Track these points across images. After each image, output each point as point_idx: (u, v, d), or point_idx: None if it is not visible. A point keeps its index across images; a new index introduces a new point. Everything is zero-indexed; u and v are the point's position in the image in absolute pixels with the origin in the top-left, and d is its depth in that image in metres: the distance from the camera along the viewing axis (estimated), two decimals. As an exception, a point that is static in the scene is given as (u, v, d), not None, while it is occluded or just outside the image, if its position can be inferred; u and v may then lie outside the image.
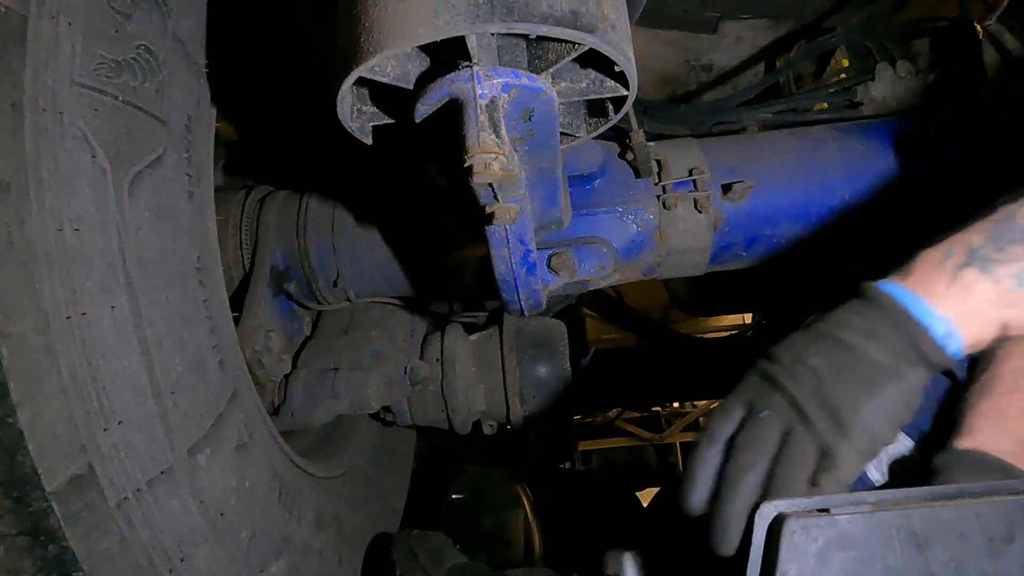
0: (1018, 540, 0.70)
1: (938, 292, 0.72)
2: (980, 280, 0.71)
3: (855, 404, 0.72)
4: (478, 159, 0.80)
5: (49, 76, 0.80)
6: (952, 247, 0.73)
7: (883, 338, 0.73)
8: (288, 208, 1.55)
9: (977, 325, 0.73)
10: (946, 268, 0.72)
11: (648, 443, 5.75)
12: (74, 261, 0.81)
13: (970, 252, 0.72)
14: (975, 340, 0.74)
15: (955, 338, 0.73)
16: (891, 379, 0.73)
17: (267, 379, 1.47)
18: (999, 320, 0.73)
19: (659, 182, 1.46)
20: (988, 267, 0.71)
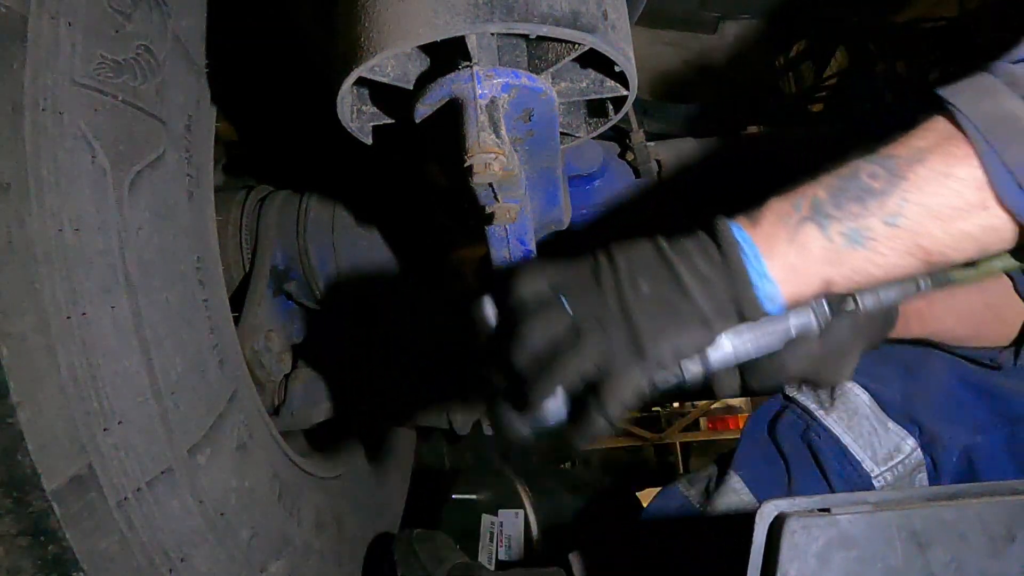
0: (1019, 540, 0.70)
1: (778, 249, 0.73)
2: (816, 237, 0.72)
3: (657, 338, 0.73)
4: (478, 159, 0.80)
5: (49, 76, 0.80)
6: (801, 199, 0.73)
7: (714, 287, 0.73)
8: (288, 208, 1.55)
9: (801, 282, 0.74)
10: (790, 222, 0.73)
11: (648, 443, 5.75)
12: (74, 261, 0.81)
13: (813, 207, 0.72)
14: (796, 297, 0.75)
15: (777, 300, 0.74)
16: (701, 327, 0.74)
17: (267, 379, 1.47)
18: (822, 278, 0.74)
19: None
20: (825, 224, 0.72)
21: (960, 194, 0.69)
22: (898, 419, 1.23)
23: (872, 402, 1.25)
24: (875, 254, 0.72)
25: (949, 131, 0.70)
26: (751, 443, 1.34)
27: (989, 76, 0.70)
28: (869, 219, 0.71)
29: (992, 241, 0.72)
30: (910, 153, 0.71)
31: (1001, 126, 0.67)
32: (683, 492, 1.37)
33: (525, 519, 1.91)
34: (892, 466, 1.22)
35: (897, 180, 0.70)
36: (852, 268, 0.73)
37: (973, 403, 1.19)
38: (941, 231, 0.70)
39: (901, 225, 0.70)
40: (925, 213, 0.70)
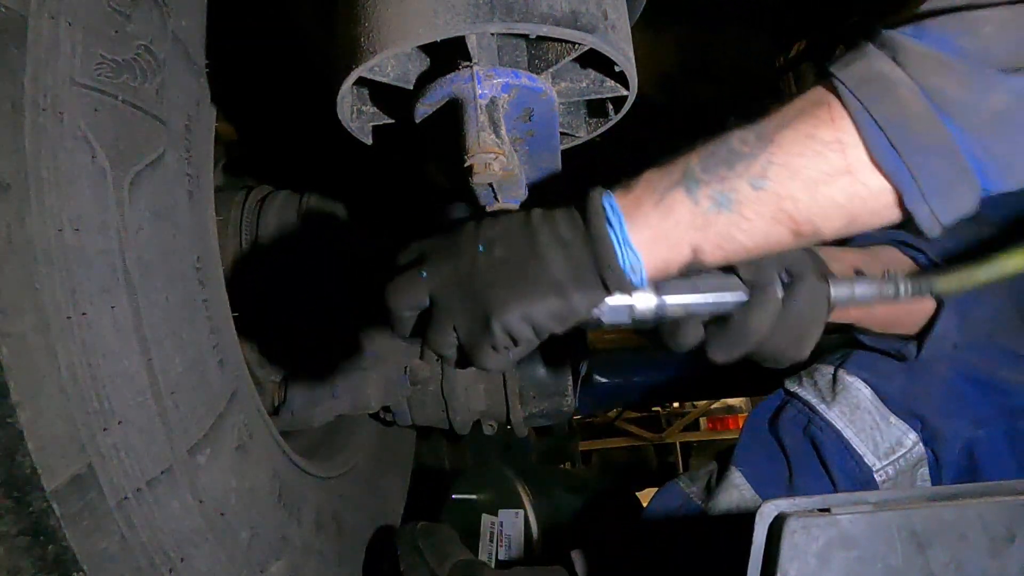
0: (1019, 540, 0.70)
1: (642, 212, 0.72)
2: (683, 201, 0.71)
3: (503, 310, 0.73)
4: (478, 159, 0.80)
5: (49, 76, 0.80)
6: (674, 166, 0.73)
7: (571, 253, 0.73)
8: (288, 208, 1.55)
9: (667, 249, 0.73)
10: (660, 187, 0.73)
11: (648, 443, 5.75)
12: (74, 261, 0.81)
13: (684, 172, 0.72)
14: (663, 265, 0.75)
15: (639, 269, 0.73)
16: (555, 295, 0.73)
17: (267, 379, 1.47)
18: (689, 243, 0.73)
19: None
20: (692, 188, 0.71)
21: (823, 156, 0.68)
22: (900, 413, 1.23)
23: (874, 396, 1.25)
24: (741, 218, 0.71)
25: (820, 96, 0.70)
26: (752, 438, 1.34)
27: (867, 43, 0.70)
28: (736, 181, 0.70)
29: (861, 212, 0.70)
30: (780, 118, 0.71)
31: (870, 85, 0.67)
32: (684, 489, 1.37)
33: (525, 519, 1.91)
34: (894, 460, 1.22)
35: (764, 143, 0.70)
36: (718, 233, 0.72)
37: (974, 397, 1.19)
38: (806, 196, 0.69)
39: (766, 188, 0.69)
40: (789, 176, 0.69)
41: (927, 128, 0.66)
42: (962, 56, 0.66)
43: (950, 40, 0.66)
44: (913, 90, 0.66)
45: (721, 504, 1.29)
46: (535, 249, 0.74)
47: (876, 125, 0.66)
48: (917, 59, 0.66)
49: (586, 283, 0.74)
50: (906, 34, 0.68)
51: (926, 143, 0.66)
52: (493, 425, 1.67)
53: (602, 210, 0.73)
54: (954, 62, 0.65)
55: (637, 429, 5.70)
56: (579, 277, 0.73)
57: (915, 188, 0.67)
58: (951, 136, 0.66)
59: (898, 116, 0.66)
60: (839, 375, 1.27)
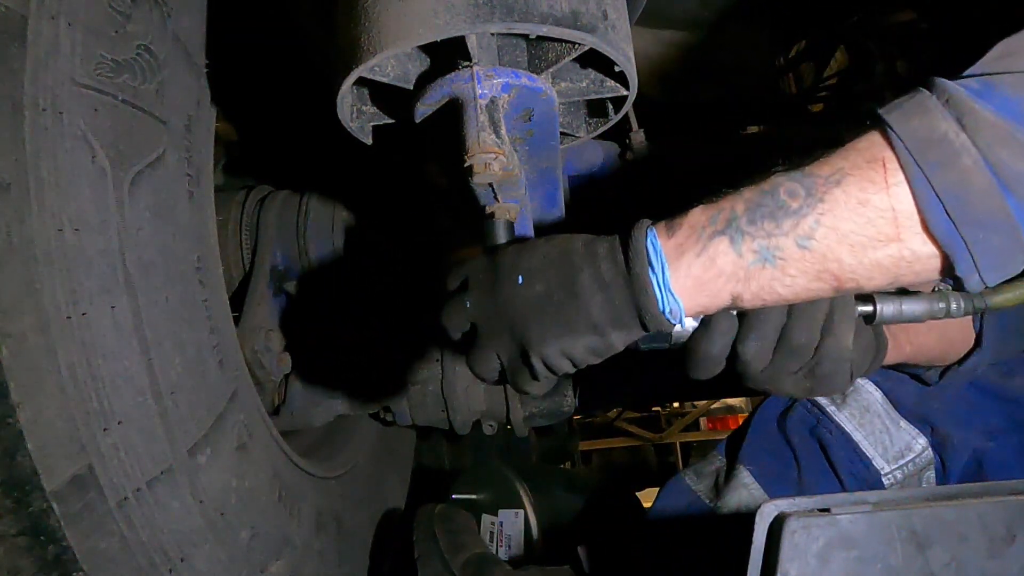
0: (1018, 540, 0.70)
1: (685, 260, 0.72)
2: (727, 252, 0.71)
3: (542, 346, 0.75)
4: (478, 159, 0.80)
5: (49, 76, 0.80)
6: (719, 211, 0.72)
7: (612, 294, 0.73)
8: (288, 208, 1.55)
9: (707, 296, 0.73)
10: (704, 234, 0.72)
11: (648, 443, 5.75)
12: (74, 261, 0.81)
13: (729, 220, 0.71)
14: (701, 310, 0.75)
15: (678, 315, 0.74)
16: (593, 334, 0.74)
17: (267, 379, 1.47)
18: (730, 293, 0.73)
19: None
20: (737, 239, 0.70)
21: (874, 224, 0.67)
22: (910, 418, 1.23)
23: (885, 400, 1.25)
24: (784, 275, 0.70)
25: (875, 151, 0.68)
26: (760, 436, 1.34)
27: (927, 93, 0.67)
28: (781, 239, 0.69)
29: (904, 273, 0.70)
30: (831, 172, 0.69)
31: (932, 149, 0.64)
32: (692, 487, 1.37)
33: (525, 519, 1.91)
34: (903, 464, 1.22)
35: (814, 201, 0.68)
36: (760, 286, 0.71)
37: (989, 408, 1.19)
38: (852, 258, 0.68)
39: (812, 248, 0.68)
40: (837, 238, 0.68)
41: (988, 203, 0.63)
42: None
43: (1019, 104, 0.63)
44: (977, 161, 0.63)
45: (730, 503, 1.28)
46: (575, 288, 0.74)
47: (935, 195, 0.64)
48: (984, 127, 0.63)
49: (625, 325, 0.75)
50: (972, 92, 0.65)
51: (985, 218, 0.64)
52: (493, 425, 1.67)
53: (645, 254, 0.73)
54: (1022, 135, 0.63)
55: (637, 429, 5.71)
56: (619, 319, 0.74)
57: (969, 260, 0.66)
58: (1011, 211, 0.63)
59: (959, 187, 0.63)
60: None
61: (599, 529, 1.85)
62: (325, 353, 1.60)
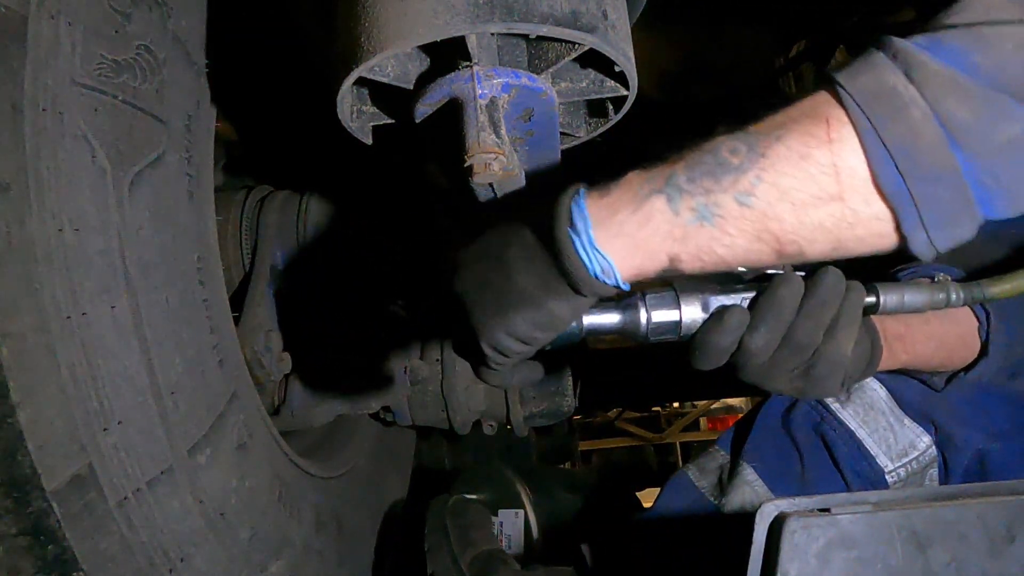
0: (1019, 540, 0.70)
1: (617, 220, 0.70)
2: (662, 210, 0.69)
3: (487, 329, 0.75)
4: (478, 159, 0.80)
5: (49, 76, 0.80)
6: (657, 172, 0.70)
7: (536, 263, 0.73)
8: (288, 208, 1.55)
9: (642, 257, 0.71)
10: (640, 193, 0.70)
11: (648, 443, 5.75)
12: (74, 261, 0.81)
13: (667, 179, 0.69)
14: (638, 271, 0.73)
15: (612, 272, 0.71)
16: (528, 305, 0.73)
17: (267, 379, 1.47)
18: (666, 252, 0.70)
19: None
20: (675, 197, 0.68)
21: (815, 180, 0.65)
22: (914, 416, 1.23)
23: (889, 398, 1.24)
24: (723, 233, 0.68)
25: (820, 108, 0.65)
26: (764, 433, 1.33)
27: (875, 51, 0.65)
28: (721, 195, 0.67)
29: (846, 236, 0.67)
30: (773, 128, 0.67)
31: (881, 102, 0.62)
32: (695, 483, 1.37)
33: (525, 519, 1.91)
34: (907, 462, 1.22)
35: (755, 156, 0.66)
36: (698, 246, 0.69)
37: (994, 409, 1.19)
38: (793, 217, 0.66)
39: (752, 205, 0.66)
40: (778, 195, 0.65)
41: (936, 156, 0.62)
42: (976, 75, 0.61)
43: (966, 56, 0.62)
44: (927, 114, 0.61)
45: (734, 501, 1.28)
46: (503, 264, 0.74)
47: (885, 149, 0.62)
48: (932, 78, 0.62)
49: (558, 292, 0.73)
50: (920, 47, 0.63)
51: (934, 172, 0.62)
52: (493, 425, 1.67)
53: (568, 215, 0.71)
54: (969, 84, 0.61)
55: (637, 429, 5.71)
56: (549, 286, 0.73)
57: (915, 217, 0.64)
58: (959, 166, 0.62)
59: (909, 140, 0.62)
60: None
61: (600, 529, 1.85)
62: (325, 353, 1.60)
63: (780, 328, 0.78)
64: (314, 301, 1.60)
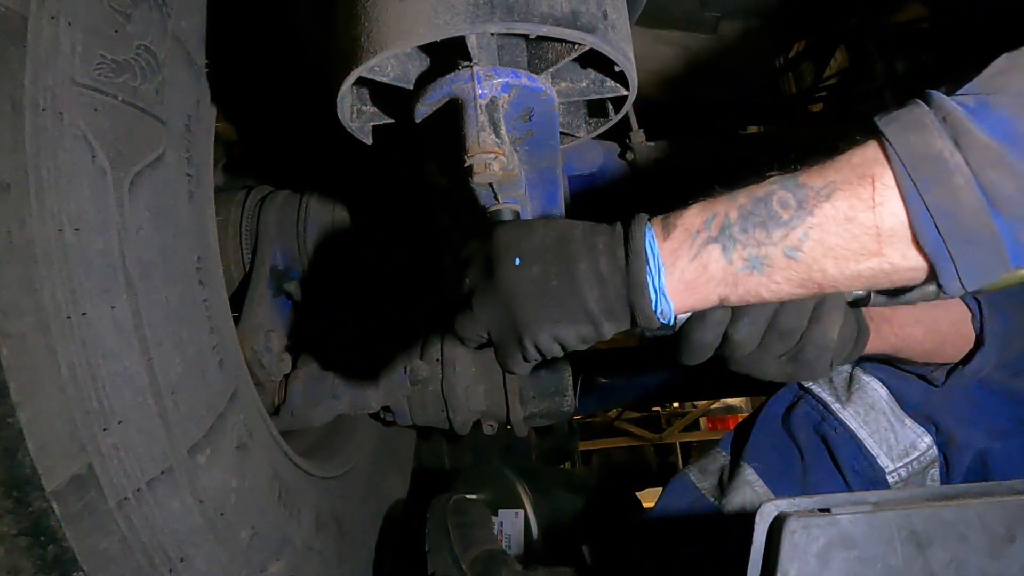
0: (1019, 540, 0.70)
1: (679, 265, 0.75)
2: (718, 260, 0.74)
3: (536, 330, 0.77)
4: (478, 159, 0.80)
5: (49, 76, 0.80)
6: (714, 215, 0.74)
7: (608, 290, 0.76)
8: (288, 208, 1.55)
9: (697, 298, 0.76)
10: (698, 240, 0.74)
11: (648, 443, 5.75)
12: (74, 261, 0.81)
13: (723, 227, 0.74)
14: (688, 310, 0.78)
15: (669, 314, 0.76)
16: (586, 323, 0.77)
17: (267, 379, 1.47)
18: (718, 296, 0.76)
19: (659, 182, 1.46)
20: (729, 247, 0.73)
21: (858, 239, 0.69)
22: (915, 416, 1.22)
23: (890, 397, 1.24)
24: (770, 280, 0.73)
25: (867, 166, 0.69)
26: (765, 434, 1.33)
27: (924, 108, 0.69)
28: (771, 248, 0.72)
29: (882, 282, 0.73)
30: (823, 184, 0.71)
31: (927, 166, 0.66)
32: (696, 484, 1.37)
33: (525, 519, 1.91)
34: (908, 462, 1.22)
35: (804, 214, 0.71)
36: (747, 290, 0.75)
37: (996, 408, 1.19)
38: (835, 269, 0.71)
39: (799, 259, 0.71)
40: (823, 251, 0.71)
41: (976, 221, 0.66)
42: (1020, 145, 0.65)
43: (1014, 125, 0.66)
44: (969, 181, 0.65)
45: (735, 502, 1.28)
46: (573, 278, 0.76)
47: (927, 211, 0.66)
48: (979, 149, 0.65)
49: (617, 317, 0.78)
50: (968, 111, 0.67)
51: (973, 235, 0.66)
52: (493, 425, 1.67)
53: (644, 255, 0.75)
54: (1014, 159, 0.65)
55: (637, 429, 5.71)
56: (612, 312, 0.77)
57: (952, 271, 0.68)
58: (997, 229, 0.66)
59: (950, 206, 0.66)
60: (855, 374, 1.27)
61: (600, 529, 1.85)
62: (325, 353, 1.60)
63: (763, 317, 0.82)
64: (314, 301, 1.60)
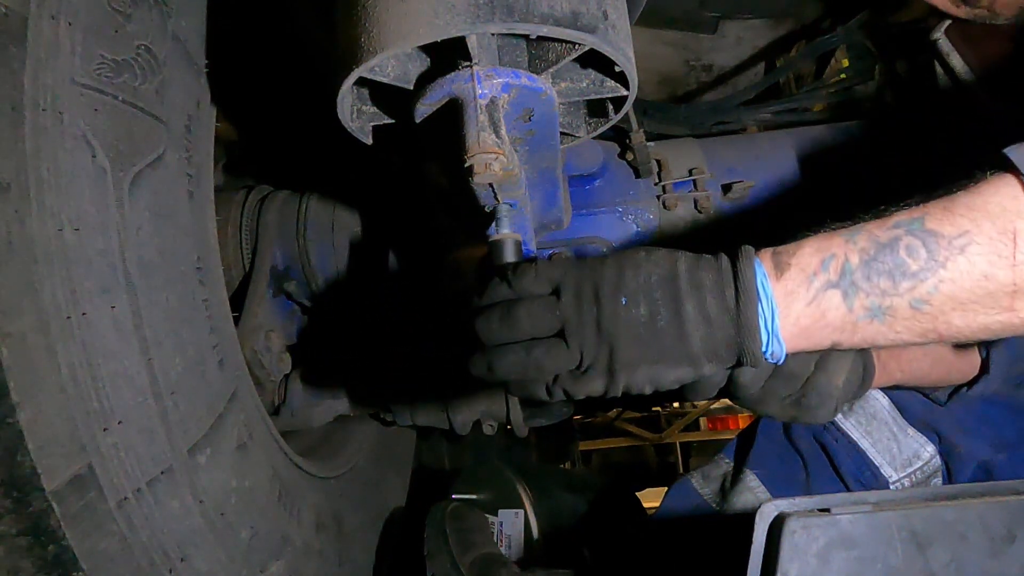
0: (1019, 540, 0.70)
1: (794, 311, 0.70)
2: (838, 306, 0.69)
3: (634, 368, 0.71)
4: (478, 159, 0.80)
5: (49, 76, 0.79)
6: (832, 256, 0.70)
7: (715, 332, 0.71)
8: (288, 208, 1.55)
9: (809, 343, 0.72)
10: (815, 283, 0.70)
11: (648, 443, 5.75)
12: (74, 261, 0.81)
13: (843, 272, 0.69)
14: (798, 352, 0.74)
15: (779, 356, 0.72)
16: (687, 366, 0.72)
17: (267, 379, 1.47)
18: (831, 341, 0.72)
19: (659, 182, 1.46)
20: (851, 294, 0.69)
21: (993, 296, 0.66)
22: (918, 426, 1.22)
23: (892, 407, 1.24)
24: (890, 330, 0.69)
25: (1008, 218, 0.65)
26: (767, 441, 1.34)
27: None
28: (896, 299, 0.67)
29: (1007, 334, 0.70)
30: (956, 234, 0.66)
31: None
32: (698, 489, 1.37)
33: (525, 519, 1.91)
34: (911, 472, 1.22)
35: (935, 266, 0.66)
36: (863, 338, 0.70)
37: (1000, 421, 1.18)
38: (962, 322, 0.68)
39: (926, 312, 0.67)
40: (953, 307, 0.67)
41: None
42: None
43: None
44: None
45: (736, 506, 1.28)
46: (679, 318, 0.71)
47: None
48: None
49: (721, 359, 0.73)
50: None
51: None
52: (493, 425, 1.67)
53: (755, 295, 0.70)
54: None
55: (637, 429, 5.71)
56: (717, 355, 0.72)
57: None
58: None
59: None
60: None
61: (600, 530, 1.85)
62: (325, 352, 1.60)
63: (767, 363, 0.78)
64: (314, 301, 1.60)
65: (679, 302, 0.71)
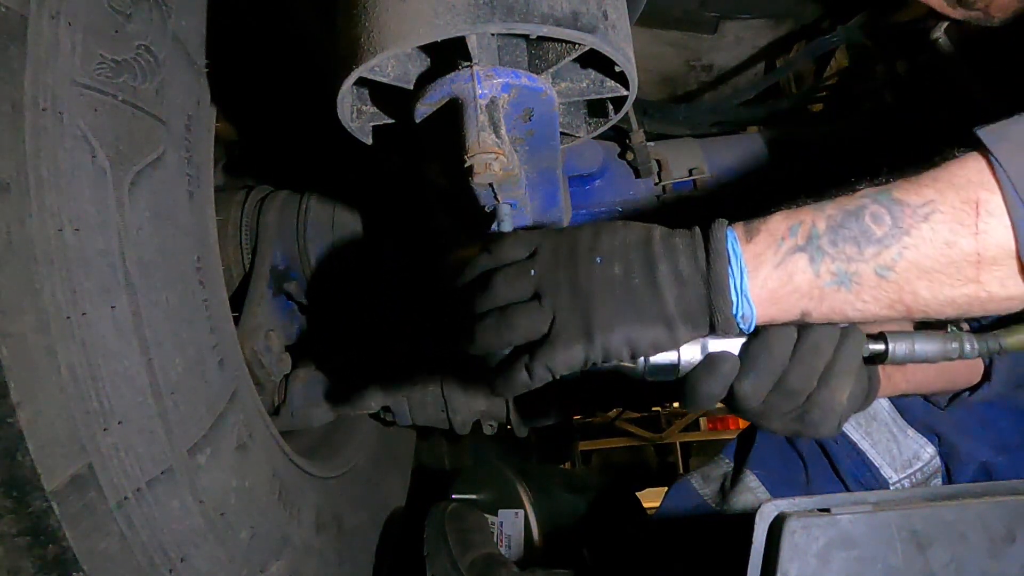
0: (1019, 540, 0.70)
1: (762, 273, 0.72)
2: (804, 270, 0.71)
3: (610, 328, 0.72)
4: (478, 159, 0.80)
5: (49, 76, 0.79)
6: (800, 223, 0.71)
7: (688, 291, 0.72)
8: (288, 208, 1.55)
9: (779, 309, 0.73)
10: (783, 247, 0.71)
11: (648, 443, 5.75)
12: (74, 261, 0.81)
13: (810, 237, 0.71)
14: (771, 321, 0.75)
15: (750, 320, 0.73)
16: (663, 327, 0.73)
17: (267, 379, 1.47)
18: (801, 309, 0.73)
19: (659, 182, 1.46)
20: (817, 259, 0.70)
21: (956, 265, 0.67)
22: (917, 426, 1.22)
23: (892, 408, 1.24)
24: (857, 299, 0.70)
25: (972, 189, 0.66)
26: (767, 441, 1.34)
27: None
28: (861, 265, 0.69)
29: (974, 309, 0.70)
30: (920, 203, 0.68)
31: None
32: (698, 490, 1.37)
33: (525, 519, 1.91)
34: (911, 473, 1.22)
35: (899, 233, 0.68)
36: (831, 307, 0.72)
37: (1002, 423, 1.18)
38: (928, 293, 0.69)
39: (890, 279, 0.68)
40: (917, 273, 0.68)
41: None
42: None
43: None
44: None
45: (736, 507, 1.28)
46: (653, 278, 0.72)
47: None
48: None
49: (695, 323, 0.74)
50: None
51: None
52: (493, 425, 1.67)
53: (726, 256, 0.72)
54: None
55: (637, 429, 5.70)
56: (690, 315, 0.73)
57: None
58: None
59: None
60: None
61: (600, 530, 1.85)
62: (325, 352, 1.60)
63: (770, 375, 0.78)
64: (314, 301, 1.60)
65: (653, 263, 0.73)
